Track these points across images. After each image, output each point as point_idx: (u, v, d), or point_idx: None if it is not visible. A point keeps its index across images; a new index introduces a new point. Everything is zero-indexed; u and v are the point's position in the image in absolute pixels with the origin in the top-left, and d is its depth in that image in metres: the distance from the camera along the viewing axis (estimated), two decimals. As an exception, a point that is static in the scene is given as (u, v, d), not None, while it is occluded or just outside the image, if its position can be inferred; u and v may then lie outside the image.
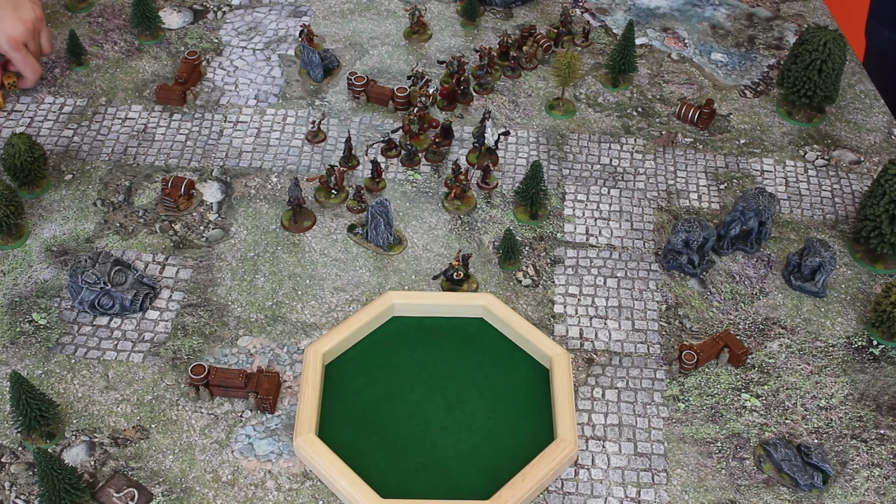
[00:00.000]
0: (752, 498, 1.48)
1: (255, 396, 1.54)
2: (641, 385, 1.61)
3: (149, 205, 1.86)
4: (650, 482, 1.49)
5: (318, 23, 2.26)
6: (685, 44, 2.25)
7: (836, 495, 1.49)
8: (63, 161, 1.93)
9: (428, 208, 1.87)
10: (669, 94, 2.12)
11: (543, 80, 2.13)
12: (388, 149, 1.96)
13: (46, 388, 1.58)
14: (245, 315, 1.69)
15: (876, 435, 1.56)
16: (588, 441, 1.54)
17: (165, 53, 2.17)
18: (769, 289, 1.76)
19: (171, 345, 1.64)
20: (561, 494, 1.48)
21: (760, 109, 2.09)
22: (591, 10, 2.33)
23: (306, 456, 1.48)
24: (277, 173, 1.93)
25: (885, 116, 2.09)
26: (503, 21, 2.28)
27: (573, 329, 1.69)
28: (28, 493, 1.45)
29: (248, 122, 2.03)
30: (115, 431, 1.53)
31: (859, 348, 1.68)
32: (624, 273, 1.77)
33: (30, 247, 1.78)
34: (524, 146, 1.99)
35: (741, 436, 1.55)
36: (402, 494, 1.45)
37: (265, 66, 2.15)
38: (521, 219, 1.85)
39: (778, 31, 2.29)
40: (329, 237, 1.82)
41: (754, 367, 1.64)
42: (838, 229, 1.87)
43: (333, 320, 1.68)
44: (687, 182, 1.94)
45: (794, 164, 1.98)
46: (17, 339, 1.64)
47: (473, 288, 1.73)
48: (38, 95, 2.06)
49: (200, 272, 1.75)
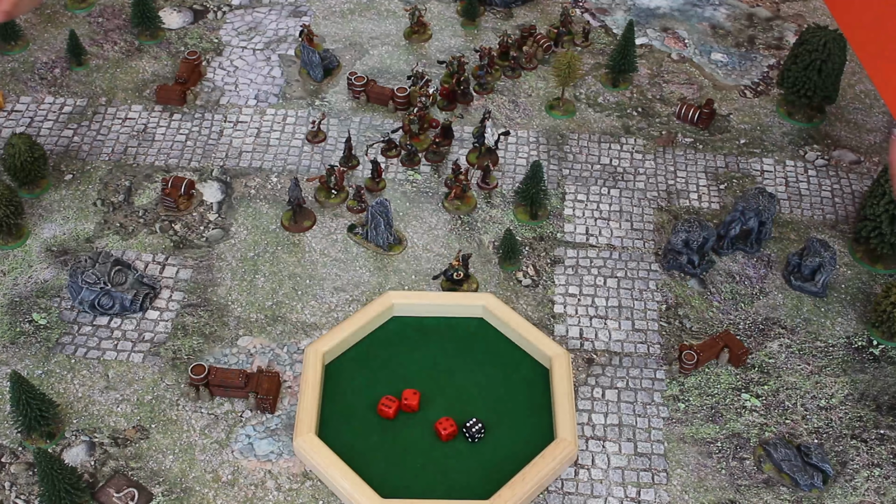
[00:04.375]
0: (752, 498, 1.48)
1: (255, 396, 1.55)
2: (641, 385, 1.61)
3: (149, 205, 1.86)
4: (650, 482, 1.49)
5: (318, 23, 2.26)
6: (685, 44, 2.25)
7: (836, 495, 1.49)
8: (63, 161, 1.93)
9: (428, 208, 1.87)
10: (669, 94, 2.12)
11: (543, 80, 2.13)
12: (388, 149, 1.96)
13: (46, 388, 1.58)
14: (245, 315, 1.69)
15: (876, 435, 1.56)
16: (588, 441, 1.54)
17: (165, 53, 2.17)
18: (769, 289, 1.76)
19: (171, 345, 1.64)
20: (561, 494, 1.48)
21: (760, 109, 2.09)
22: (591, 10, 2.33)
23: (306, 456, 1.48)
24: (277, 173, 1.93)
25: (885, 116, 2.09)
26: (503, 21, 2.28)
27: (573, 329, 1.69)
28: (28, 493, 1.45)
29: (248, 122, 2.03)
30: (115, 431, 1.53)
31: (859, 348, 1.68)
32: (624, 273, 1.77)
33: (30, 247, 1.78)
34: (524, 146, 1.99)
35: (741, 436, 1.55)
36: (402, 494, 1.45)
37: (265, 66, 2.15)
38: (521, 219, 1.85)
39: (778, 31, 2.29)
40: (329, 237, 1.82)
41: (754, 367, 1.64)
42: (838, 229, 1.87)
43: (333, 320, 1.68)
44: (687, 182, 1.94)
45: (794, 164, 1.98)
46: (17, 339, 1.64)
47: (473, 288, 1.73)
48: (38, 95, 2.06)
49: (200, 272, 1.75)
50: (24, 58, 2.14)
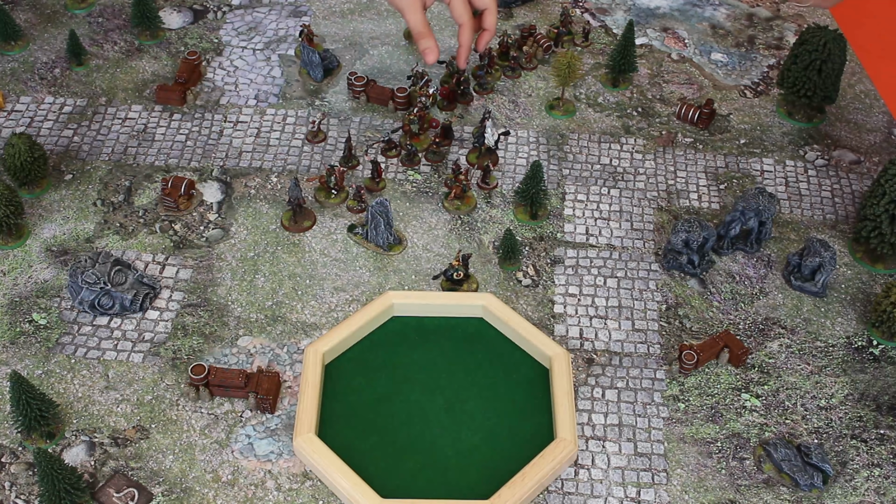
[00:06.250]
0: (752, 498, 1.48)
1: (255, 396, 1.54)
2: (641, 385, 1.61)
3: (149, 205, 1.86)
4: (650, 482, 1.49)
5: (318, 23, 2.26)
6: (685, 44, 2.25)
7: (836, 495, 1.49)
8: (63, 161, 1.93)
9: (428, 208, 1.87)
10: (669, 94, 2.12)
11: (543, 80, 2.13)
12: (388, 149, 1.96)
13: (46, 388, 1.58)
14: (245, 315, 1.69)
15: (876, 435, 1.56)
16: (588, 441, 1.54)
17: (165, 53, 2.17)
18: (769, 289, 1.76)
19: (171, 345, 1.64)
20: (561, 494, 1.48)
21: (760, 109, 2.09)
22: (591, 10, 2.33)
23: (306, 456, 1.48)
24: (277, 173, 1.93)
25: (885, 116, 2.09)
26: (503, 21, 2.28)
27: (573, 329, 1.69)
28: (28, 493, 1.45)
29: (248, 122, 2.03)
30: (115, 431, 1.53)
31: (859, 348, 1.68)
32: (624, 273, 1.77)
33: (30, 247, 1.78)
34: (524, 146, 1.99)
35: (741, 436, 1.55)
36: (402, 494, 1.45)
37: (265, 66, 2.15)
38: (521, 219, 1.85)
39: (778, 31, 2.29)
40: (329, 237, 1.82)
41: (754, 367, 1.64)
42: (838, 229, 1.87)
43: (333, 320, 1.68)
44: (687, 182, 1.94)
45: (794, 164, 1.98)
46: (17, 339, 1.64)
47: (473, 288, 1.73)
48: (38, 95, 2.06)
49: (200, 272, 1.75)
50: (24, 58, 2.14)
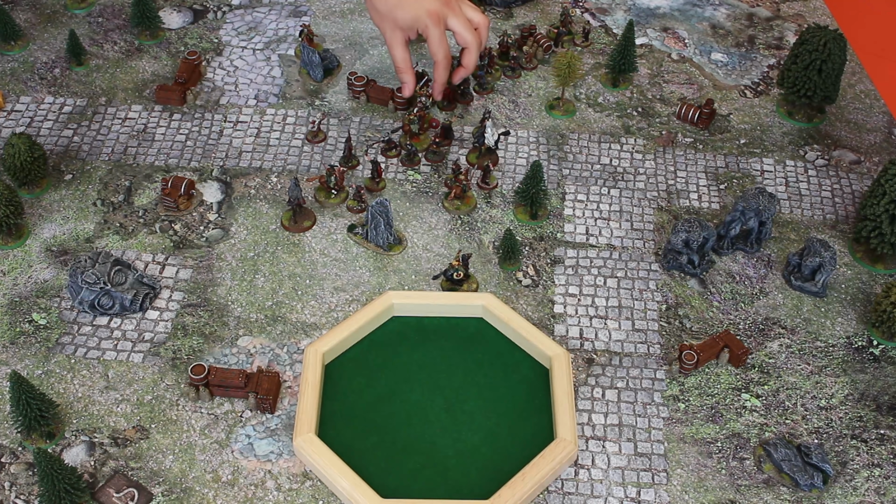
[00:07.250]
0: (752, 498, 1.48)
1: (255, 396, 1.54)
2: (641, 385, 1.61)
3: (149, 205, 1.86)
4: (650, 482, 1.49)
5: (318, 23, 2.26)
6: (685, 44, 2.25)
7: (836, 495, 1.49)
8: (63, 161, 1.93)
9: (428, 208, 1.87)
10: (669, 94, 2.12)
11: (543, 80, 2.13)
12: (388, 149, 1.96)
13: (46, 388, 1.58)
14: (245, 315, 1.69)
15: (876, 435, 1.56)
16: (588, 441, 1.54)
17: (165, 53, 2.17)
18: (769, 289, 1.76)
19: (171, 345, 1.64)
20: (561, 494, 1.48)
21: (760, 109, 2.09)
22: (591, 10, 2.33)
23: (306, 456, 1.48)
24: (277, 173, 1.93)
25: (885, 116, 2.09)
26: (503, 21, 2.28)
27: (573, 329, 1.69)
28: (28, 493, 1.45)
29: (248, 122, 2.03)
30: (115, 431, 1.53)
31: (859, 348, 1.68)
32: (624, 273, 1.77)
33: (30, 247, 1.78)
34: (524, 146, 1.99)
35: (741, 436, 1.55)
36: (402, 494, 1.45)
37: (265, 66, 2.15)
38: (521, 219, 1.85)
39: (778, 31, 2.29)
40: (329, 237, 1.82)
41: (754, 367, 1.64)
42: (838, 229, 1.87)
43: (333, 320, 1.68)
44: (687, 182, 1.94)
45: (794, 164, 1.98)
46: (17, 339, 1.64)
47: (473, 288, 1.73)
48: (38, 95, 2.06)
49: (200, 272, 1.75)
50: (24, 58, 2.14)
